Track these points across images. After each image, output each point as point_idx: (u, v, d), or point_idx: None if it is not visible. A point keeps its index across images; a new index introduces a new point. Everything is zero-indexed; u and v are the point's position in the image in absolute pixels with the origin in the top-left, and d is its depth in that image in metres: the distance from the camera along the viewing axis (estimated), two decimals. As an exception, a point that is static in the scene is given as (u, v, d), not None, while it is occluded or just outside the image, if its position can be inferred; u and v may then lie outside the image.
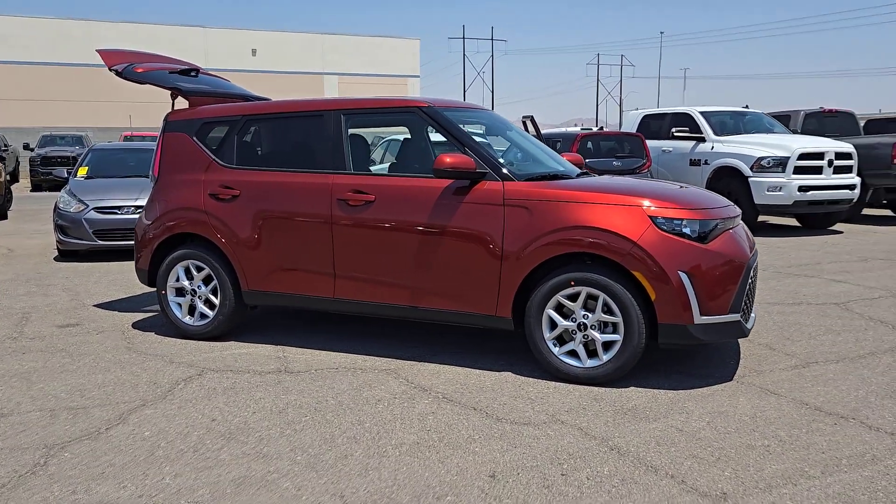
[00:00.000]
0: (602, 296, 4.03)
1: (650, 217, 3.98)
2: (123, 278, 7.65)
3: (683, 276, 3.89)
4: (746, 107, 13.30)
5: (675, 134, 11.88)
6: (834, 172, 10.84)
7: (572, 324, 4.13)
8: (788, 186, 10.48)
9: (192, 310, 5.18)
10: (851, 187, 10.94)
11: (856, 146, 11.45)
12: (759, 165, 10.70)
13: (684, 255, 3.93)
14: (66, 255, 9.17)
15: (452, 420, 3.62)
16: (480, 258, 4.26)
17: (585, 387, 4.08)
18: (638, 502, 2.78)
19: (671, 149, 12.30)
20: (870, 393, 3.96)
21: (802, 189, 10.52)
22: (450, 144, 4.54)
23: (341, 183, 4.65)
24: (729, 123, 12.12)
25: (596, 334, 4.07)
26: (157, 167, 5.34)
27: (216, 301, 5.06)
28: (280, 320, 5.73)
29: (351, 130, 4.82)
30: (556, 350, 4.18)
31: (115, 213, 8.77)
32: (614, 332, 4.06)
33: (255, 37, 48.87)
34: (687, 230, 3.99)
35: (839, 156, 10.88)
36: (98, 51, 5.56)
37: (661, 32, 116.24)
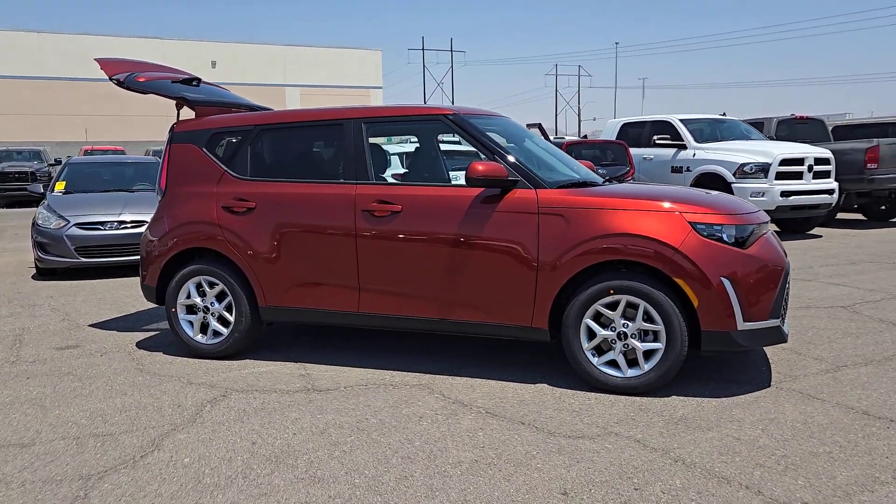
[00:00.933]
0: (643, 304, 3.97)
1: (690, 223, 3.94)
2: (112, 296, 7.36)
3: (726, 282, 3.86)
4: (724, 114, 13.49)
5: (657, 141, 11.98)
6: (813, 178, 11.05)
7: (612, 333, 4.06)
8: (771, 192, 10.64)
9: (204, 328, 4.97)
10: (830, 192, 11.16)
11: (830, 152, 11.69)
12: (742, 171, 10.84)
13: (726, 260, 3.89)
14: (44, 273, 8.81)
15: (504, 435, 3.51)
16: (515, 268, 4.17)
17: (627, 397, 4.01)
18: (722, 515, 2.70)
19: (652, 156, 12.40)
20: (909, 395, 3.97)
21: (784, 194, 10.69)
22: (454, 154, 4.45)
23: (366, 193, 4.51)
24: (707, 131, 12.28)
25: (637, 343, 4.01)
26: (163, 180, 5.13)
27: (230, 318, 4.86)
28: (294, 337, 5.55)
29: (371, 139, 4.70)
30: (595, 360, 4.10)
31: (98, 229, 8.45)
32: (655, 340, 4.01)
33: (214, 48, 48.28)
34: (726, 236, 3.96)
35: (818, 161, 11.09)
36: (97, 60, 5.34)
37: (617, 43, 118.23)
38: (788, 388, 4.12)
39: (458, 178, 5.01)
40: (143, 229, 8.54)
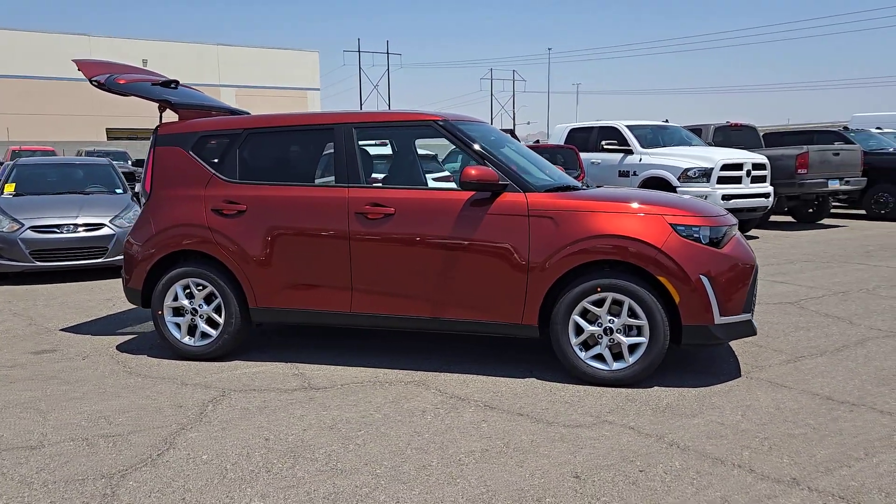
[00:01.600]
0: (627, 301, 4.23)
1: (671, 225, 4.23)
2: (74, 301, 7.23)
3: (704, 280, 4.15)
4: (666, 121, 14.06)
5: (606, 146, 12.42)
6: (751, 182, 11.67)
7: (598, 329, 4.31)
8: (713, 195, 11.18)
9: (191, 330, 5.00)
10: (767, 195, 11.81)
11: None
12: (686, 176, 11.37)
13: (704, 259, 4.19)
14: (-6, 277, 8.55)
15: (506, 426, 3.71)
16: (506, 269, 4.38)
17: (613, 388, 4.27)
18: (722, 491, 2.97)
19: (600, 161, 12.85)
20: (864, 381, 4.35)
21: (725, 198, 11.25)
22: (430, 161, 4.63)
23: (359, 196, 4.65)
24: (651, 136, 12.80)
25: (622, 338, 4.27)
26: (148, 182, 5.13)
27: (219, 320, 4.91)
28: (281, 338, 5.61)
29: (360, 144, 4.83)
30: (582, 355, 4.35)
31: (55, 233, 8.26)
32: (639, 334, 4.27)
33: (144, 46, 47.04)
34: (703, 237, 4.26)
35: (756, 166, 11.72)
36: (75, 61, 5.30)
37: (549, 49, 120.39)
38: (757, 377, 4.46)
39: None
40: (100, 232, 8.41)
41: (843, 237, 11.66)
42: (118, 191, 9.79)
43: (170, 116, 5.40)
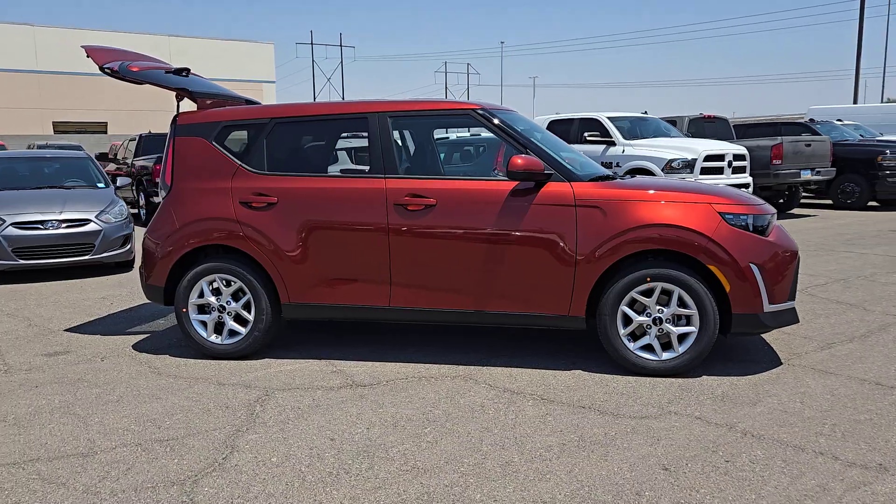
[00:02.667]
0: (677, 290, 4.21)
1: (720, 213, 4.22)
2: (68, 300, 6.91)
3: (754, 268, 4.16)
4: (645, 112, 14.18)
5: (588, 138, 12.46)
6: (732, 173, 11.85)
7: (647, 319, 4.28)
8: (697, 186, 11.31)
9: (217, 327, 4.81)
10: (747, 186, 12.00)
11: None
12: (670, 167, 11.48)
13: (752, 247, 4.19)
14: (-28, 277, 8.13)
15: (573, 420, 3.65)
16: (553, 260, 4.31)
17: (665, 379, 4.24)
18: (817, 479, 2.96)
19: (582, 152, 12.87)
20: (903, 366, 4.42)
21: (709, 188, 11.39)
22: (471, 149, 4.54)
23: (398, 187, 4.52)
24: (630, 128, 12.89)
25: (671, 327, 4.25)
26: (168, 174, 4.91)
27: (249, 317, 4.73)
28: (301, 334, 5.44)
29: (396, 133, 4.70)
30: (631, 345, 4.31)
31: (38, 229, 7.89)
32: (688, 324, 4.26)
33: (92, 37, 45.47)
34: (750, 224, 4.26)
35: (736, 157, 11.91)
36: (85, 47, 5.03)
37: (502, 42, 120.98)
38: (799, 364, 4.49)
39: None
40: (86, 228, 8.07)
41: (817, 226, 11.94)
42: (100, 185, 9.41)
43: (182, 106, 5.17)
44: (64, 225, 8.01)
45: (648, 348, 4.32)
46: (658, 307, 4.27)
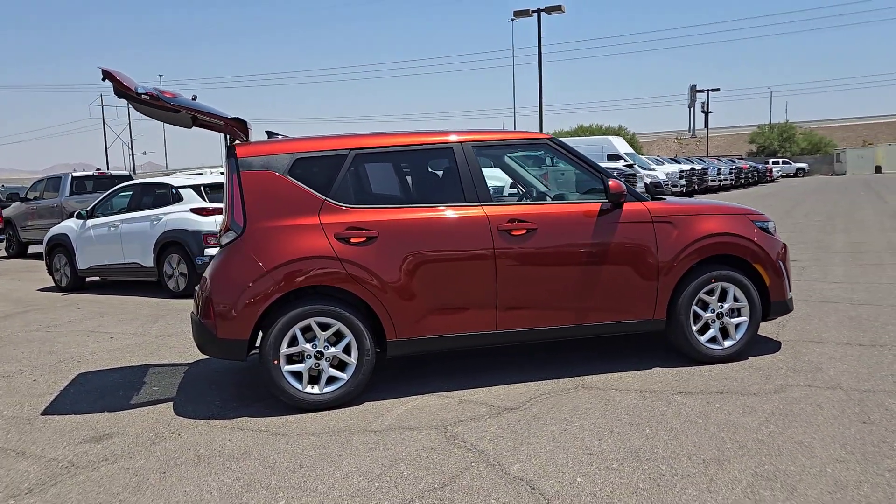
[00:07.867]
0: (732, 287, 5.04)
1: (754, 222, 5.16)
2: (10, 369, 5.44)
3: (780, 263, 5.17)
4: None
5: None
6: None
7: (711, 314, 5.04)
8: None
9: (312, 377, 4.40)
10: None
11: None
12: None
13: (775, 247, 5.21)
14: None
15: (733, 407, 4.21)
16: (641, 271, 4.85)
17: (733, 362, 5.01)
18: (953, 410, 3.96)
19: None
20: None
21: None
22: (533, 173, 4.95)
23: (499, 214, 4.65)
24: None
25: (729, 319, 5.06)
26: (239, 213, 4.35)
27: (351, 360, 4.41)
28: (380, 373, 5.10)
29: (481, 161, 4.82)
30: (700, 339, 5.03)
31: None
32: (739, 315, 5.10)
33: None
34: (770, 228, 5.28)
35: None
36: (104, 70, 4.23)
37: (161, 75, 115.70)
38: (813, 340, 5.58)
39: None
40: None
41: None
42: None
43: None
44: None
45: (713, 339, 5.07)
46: (719, 303, 5.05)
